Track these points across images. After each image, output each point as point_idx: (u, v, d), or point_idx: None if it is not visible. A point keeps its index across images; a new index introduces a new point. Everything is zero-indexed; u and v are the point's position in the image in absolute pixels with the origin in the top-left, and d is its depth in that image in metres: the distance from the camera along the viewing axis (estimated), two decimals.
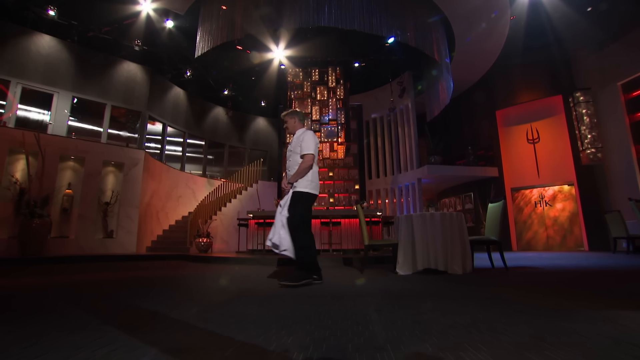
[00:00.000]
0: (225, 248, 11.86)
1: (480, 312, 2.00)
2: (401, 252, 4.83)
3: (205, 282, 3.92)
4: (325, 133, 10.40)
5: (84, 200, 8.63)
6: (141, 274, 4.81)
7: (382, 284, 3.52)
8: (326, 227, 8.98)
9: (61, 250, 8.17)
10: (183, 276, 4.53)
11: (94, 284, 3.67)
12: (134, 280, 4.02)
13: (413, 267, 4.67)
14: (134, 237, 9.22)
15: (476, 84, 12.24)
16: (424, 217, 4.76)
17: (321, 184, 12.40)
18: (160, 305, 2.34)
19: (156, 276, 4.49)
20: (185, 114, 13.67)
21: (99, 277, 4.30)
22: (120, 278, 4.21)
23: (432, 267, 4.51)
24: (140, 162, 9.55)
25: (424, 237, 4.69)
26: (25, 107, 9.52)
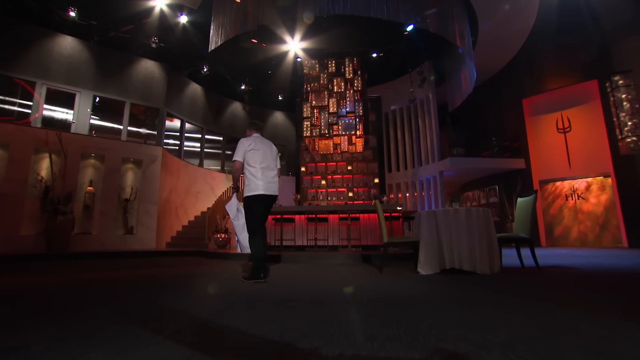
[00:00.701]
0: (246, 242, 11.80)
1: (517, 326, 1.73)
2: (423, 250, 4.55)
3: (219, 280, 3.78)
4: (343, 126, 10.12)
5: (104, 197, 8.72)
6: (154, 271, 4.73)
7: (402, 286, 3.27)
8: (345, 222, 8.73)
9: (84, 246, 8.30)
10: (195, 274, 4.42)
11: (109, 282, 3.60)
12: (142, 278, 3.93)
13: (436, 266, 4.39)
14: (153, 233, 9.27)
15: (501, 71, 11.62)
16: (447, 213, 4.45)
17: (340, 177, 12.15)
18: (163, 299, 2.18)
19: (166, 274, 4.40)
20: (202, 109, 13.67)
21: (112, 275, 4.24)
22: (130, 277, 4.14)
23: (457, 267, 4.21)
24: (158, 158, 9.57)
25: (447, 234, 4.40)
26: (50, 107, 9.72)
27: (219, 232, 10.37)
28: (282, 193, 12.20)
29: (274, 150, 3.87)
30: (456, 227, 4.37)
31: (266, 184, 3.63)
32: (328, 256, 6.64)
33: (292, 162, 15.11)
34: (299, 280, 3.89)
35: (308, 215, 8.79)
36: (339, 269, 5.30)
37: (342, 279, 3.94)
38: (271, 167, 3.74)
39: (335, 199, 11.99)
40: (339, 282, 3.58)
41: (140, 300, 2.59)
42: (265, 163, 3.67)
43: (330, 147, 11.45)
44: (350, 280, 3.75)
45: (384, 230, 4.96)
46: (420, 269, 4.47)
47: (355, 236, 8.61)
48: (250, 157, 3.64)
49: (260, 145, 3.71)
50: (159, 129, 11.54)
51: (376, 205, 5.10)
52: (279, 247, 8.67)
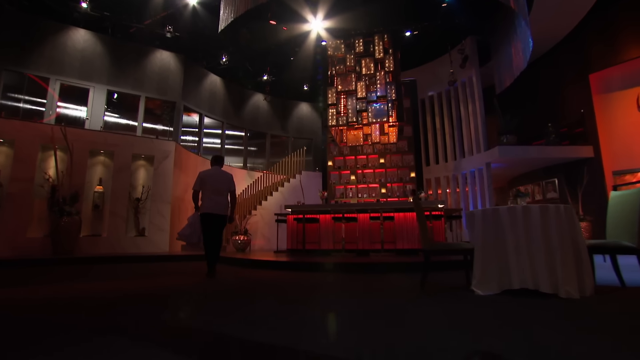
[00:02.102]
0: (265, 245, 11.09)
1: None
2: (479, 262, 3.46)
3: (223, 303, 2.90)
4: (374, 113, 9.04)
5: (114, 196, 8.27)
6: (157, 282, 3.94)
7: (454, 315, 2.22)
8: (376, 223, 7.68)
9: (93, 249, 7.86)
10: (192, 287, 3.57)
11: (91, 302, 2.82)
12: (143, 294, 3.13)
13: (500, 284, 3.29)
14: (166, 235, 8.71)
15: (562, 42, 10.00)
16: (513, 212, 3.33)
17: (371, 172, 11.08)
18: None
19: (169, 285, 3.58)
20: (222, 102, 13.12)
21: (106, 288, 3.49)
22: (131, 290, 3.35)
23: (530, 288, 3.09)
24: (171, 154, 9.00)
25: (515, 241, 3.29)
26: (63, 104, 9.46)
27: (238, 233, 9.69)
28: (307, 190, 11.33)
29: (225, 177, 4.97)
30: (527, 231, 3.24)
31: (213, 204, 4.75)
32: (357, 264, 5.65)
33: (319, 156, 14.25)
34: (311, 303, 2.92)
35: (334, 214, 7.86)
36: (369, 281, 4.30)
37: (372, 300, 2.93)
38: (219, 192, 4.83)
39: (366, 196, 10.94)
40: (368, 310, 2.58)
41: None
42: (213, 189, 4.80)
43: (359, 138, 10.44)
44: (382, 304, 2.74)
45: (425, 233, 3.89)
46: (476, 287, 3.39)
47: (389, 238, 7.55)
48: (204, 186, 4.82)
49: (211, 177, 4.87)
50: (176, 123, 11.05)
51: (414, 203, 4.04)
52: (300, 252, 7.78)
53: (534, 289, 3.11)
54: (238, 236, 9.58)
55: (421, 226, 3.97)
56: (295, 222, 8.07)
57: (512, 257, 3.27)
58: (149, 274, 5.21)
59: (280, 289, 3.80)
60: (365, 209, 7.79)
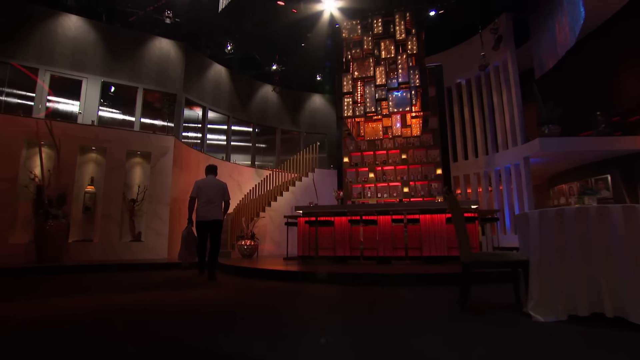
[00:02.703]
0: (275, 250, 10.61)
1: None
2: (538, 277, 2.87)
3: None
4: (395, 101, 8.42)
5: (107, 197, 7.93)
6: (150, 297, 3.46)
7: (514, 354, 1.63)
8: (399, 226, 7.08)
9: (83, 255, 7.53)
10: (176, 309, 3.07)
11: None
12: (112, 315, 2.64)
13: (566, 308, 2.68)
14: (165, 240, 8.32)
15: (615, 16, 9.12)
16: (584, 215, 2.72)
17: (392, 169, 10.49)
18: None
19: (159, 301, 3.09)
20: (228, 95, 12.74)
21: (93, 304, 3.02)
22: (110, 309, 2.88)
23: (608, 315, 2.47)
24: (170, 150, 8.61)
25: (586, 253, 2.67)
26: (54, 97, 9.21)
27: (244, 237, 9.23)
28: (321, 189, 10.82)
29: (220, 186, 5.50)
30: (605, 239, 2.62)
31: (205, 212, 5.33)
32: (377, 275, 5.08)
33: (334, 152, 13.70)
34: (310, 338, 2.36)
35: (351, 216, 7.31)
36: (394, 297, 3.72)
37: (401, 327, 2.34)
38: (213, 200, 5.37)
39: (386, 196, 10.34)
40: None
41: None
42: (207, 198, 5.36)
43: (379, 131, 9.83)
44: (416, 334, 2.15)
45: (466, 241, 3.29)
46: (534, 311, 2.80)
47: (414, 244, 6.93)
48: (200, 193, 5.37)
49: (207, 185, 5.41)
50: (177, 118, 10.69)
51: (449, 202, 3.44)
52: (313, 259, 7.24)
53: (615, 316, 2.48)
54: (244, 241, 9.11)
55: (459, 232, 3.38)
56: (307, 226, 7.55)
57: (584, 272, 2.64)
58: (144, 286, 4.79)
59: (286, 308, 3.25)
60: (387, 211, 7.20)
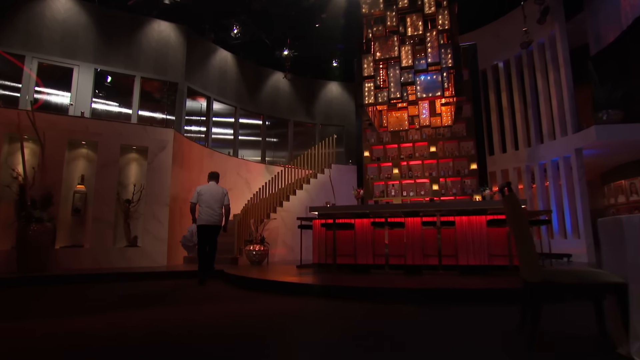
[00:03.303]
0: (288, 256, 10.09)
1: None
2: None
3: None
4: (423, 86, 7.70)
5: (99, 197, 7.55)
6: (150, 316, 2.91)
7: None
8: (431, 230, 6.39)
9: (72, 263, 7.17)
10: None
11: None
12: None
13: None
14: (164, 245, 7.90)
15: None
16: None
17: (419, 163, 9.81)
18: None
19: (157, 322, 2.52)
20: (235, 83, 12.33)
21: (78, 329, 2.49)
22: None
23: None
24: (169, 144, 8.16)
25: None
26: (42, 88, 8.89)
27: (253, 242, 8.72)
28: (339, 188, 10.23)
29: (220, 192, 6.17)
30: None
31: (207, 217, 6.00)
32: (404, 290, 4.42)
33: (353, 146, 13.15)
34: None
35: (374, 218, 6.70)
36: (427, 322, 3.07)
37: None
38: (213, 206, 6.04)
39: (413, 195, 9.67)
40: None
41: None
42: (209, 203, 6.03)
43: (403, 120, 9.16)
44: None
45: (531, 253, 2.61)
46: (638, 355, 2.10)
47: (448, 251, 6.25)
48: (200, 199, 6.05)
49: (207, 191, 6.09)
50: (178, 109, 10.30)
51: (509, 203, 2.78)
52: (330, 268, 6.65)
53: None
54: (253, 246, 8.59)
55: (522, 240, 2.70)
56: (323, 229, 6.97)
57: None
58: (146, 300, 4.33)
59: (298, 334, 2.63)
60: (416, 212, 6.52)
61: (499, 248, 6.10)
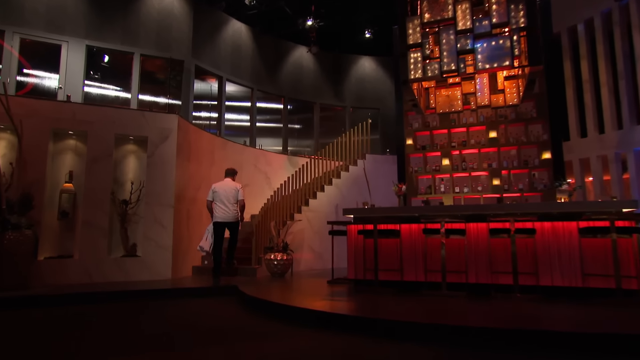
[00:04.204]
0: (315, 263, 9.42)
1: None
2: None
3: None
4: (486, 54, 6.61)
5: (90, 198, 7.04)
6: None
7: None
8: (501, 239, 5.43)
9: (59, 277, 6.67)
10: None
11: None
12: None
13: None
14: (168, 254, 7.34)
15: None
16: None
17: (474, 152, 8.81)
18: None
19: None
20: (251, 61, 11.83)
21: None
22: None
23: None
24: (172, 133, 7.58)
25: None
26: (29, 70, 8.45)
27: (274, 249, 7.98)
28: (374, 182, 9.45)
29: (233, 188, 7.10)
30: None
31: (221, 214, 6.95)
32: (484, 333, 3.47)
33: (391, 132, 12.48)
34: None
35: (425, 223, 5.83)
36: None
37: None
38: (227, 202, 6.96)
39: (467, 191, 8.72)
40: None
41: None
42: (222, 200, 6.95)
43: (456, 99, 8.26)
44: None
45: None
46: None
47: (526, 267, 5.27)
48: (215, 196, 6.99)
49: (222, 188, 7.03)
50: (185, 92, 9.80)
51: None
52: (370, 286, 5.83)
53: None
54: (274, 254, 7.85)
55: None
56: (360, 237, 6.13)
57: None
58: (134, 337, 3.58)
59: None
60: (482, 215, 5.53)
61: (597, 265, 5.04)
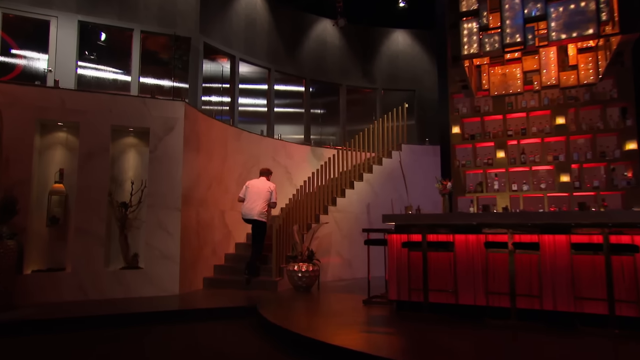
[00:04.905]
0: (344, 272, 8.92)
1: None
2: None
3: None
4: (562, 21, 5.73)
5: (83, 201, 6.59)
6: None
7: None
8: (588, 257, 4.69)
9: (49, 293, 6.20)
10: None
11: None
12: None
13: None
14: (175, 266, 6.88)
15: None
16: None
17: (536, 142, 7.99)
18: None
19: None
20: (267, 37, 11.38)
21: None
22: None
23: None
24: (178, 122, 7.07)
25: None
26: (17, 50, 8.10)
27: (297, 259, 7.42)
28: (412, 178, 8.82)
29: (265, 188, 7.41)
30: None
31: (246, 210, 7.27)
32: None
33: (430, 117, 12.03)
34: None
35: (486, 234, 5.14)
36: None
37: None
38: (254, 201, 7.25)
39: (527, 189, 8.03)
40: None
41: None
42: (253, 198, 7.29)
43: (515, 79, 7.49)
44: None
45: None
46: None
47: (624, 293, 4.47)
48: (247, 193, 7.40)
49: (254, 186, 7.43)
50: (193, 74, 9.44)
51: None
52: (418, 308, 5.23)
53: None
54: (297, 265, 7.28)
55: None
56: (405, 250, 5.44)
57: None
58: None
59: None
60: (563, 226, 4.74)
61: None
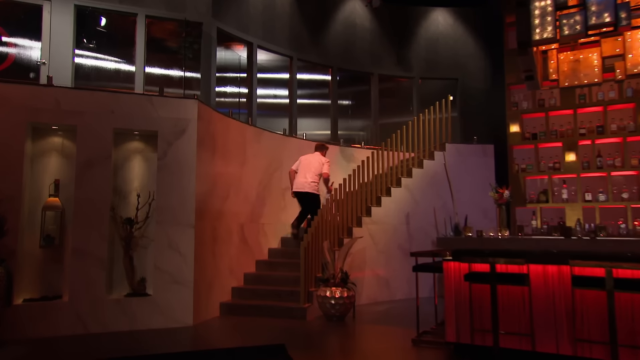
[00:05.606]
0: (380, 294, 8.52)
1: None
2: None
3: None
4: None
5: (82, 217, 6.24)
6: None
7: None
8: None
9: (43, 328, 5.89)
10: None
11: None
12: None
13: None
14: (188, 292, 6.53)
15: None
16: None
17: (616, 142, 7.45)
18: None
19: None
20: (289, 20, 11.09)
21: None
22: None
23: None
24: (191, 124, 6.75)
25: None
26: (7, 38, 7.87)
27: (329, 281, 6.99)
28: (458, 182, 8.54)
29: (316, 160, 8.14)
30: None
31: (297, 184, 8.01)
32: None
33: (479, 112, 11.68)
34: None
35: (575, 265, 4.46)
36: None
37: None
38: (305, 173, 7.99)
39: (605, 199, 7.65)
40: None
41: None
42: (303, 171, 8.03)
43: (590, 67, 7.10)
44: None
45: None
46: None
47: None
48: (299, 166, 8.17)
49: (306, 159, 8.20)
50: (205, 65, 9.05)
51: None
52: (483, 353, 4.66)
53: None
54: (329, 290, 6.83)
55: None
56: (467, 284, 4.90)
57: None
58: None
59: None
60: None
61: None
